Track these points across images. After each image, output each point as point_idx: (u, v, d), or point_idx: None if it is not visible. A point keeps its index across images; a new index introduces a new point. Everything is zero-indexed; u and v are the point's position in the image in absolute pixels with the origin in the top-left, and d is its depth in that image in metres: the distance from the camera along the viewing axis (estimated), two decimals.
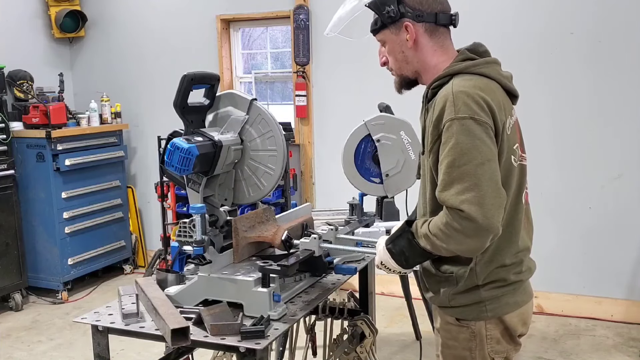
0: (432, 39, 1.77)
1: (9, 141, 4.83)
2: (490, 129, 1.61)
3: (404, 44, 1.78)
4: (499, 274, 1.75)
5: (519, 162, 1.76)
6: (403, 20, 1.75)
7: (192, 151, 2.06)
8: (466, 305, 1.76)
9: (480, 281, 1.74)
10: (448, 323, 1.82)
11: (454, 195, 1.58)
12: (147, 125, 5.70)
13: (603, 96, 4.21)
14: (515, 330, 1.82)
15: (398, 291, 4.34)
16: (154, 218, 5.75)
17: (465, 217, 1.56)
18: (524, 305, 1.83)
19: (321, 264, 2.25)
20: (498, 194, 1.59)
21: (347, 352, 2.74)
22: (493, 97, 1.66)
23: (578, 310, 4.41)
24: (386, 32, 1.79)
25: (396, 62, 1.82)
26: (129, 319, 2.00)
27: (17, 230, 4.97)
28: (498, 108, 1.65)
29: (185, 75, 2.19)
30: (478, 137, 1.59)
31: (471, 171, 1.57)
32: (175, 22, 5.46)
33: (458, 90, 1.63)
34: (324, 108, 4.99)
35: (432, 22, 1.75)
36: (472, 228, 1.56)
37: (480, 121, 1.59)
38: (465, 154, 1.58)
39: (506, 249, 1.75)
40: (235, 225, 2.14)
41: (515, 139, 1.74)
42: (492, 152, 1.60)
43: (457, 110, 1.60)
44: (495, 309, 1.76)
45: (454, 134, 1.59)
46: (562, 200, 4.38)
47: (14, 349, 4.19)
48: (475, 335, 1.77)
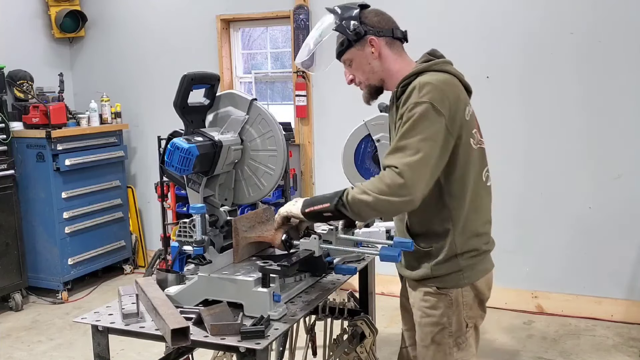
0: (392, 50, 2.07)
1: (9, 141, 4.83)
2: (445, 118, 1.86)
3: (369, 57, 2.06)
4: (473, 243, 2.01)
5: (478, 146, 2.01)
6: (367, 37, 2.04)
7: (192, 151, 2.06)
8: (446, 274, 2.00)
9: (458, 250, 1.99)
10: (427, 293, 2.04)
11: (396, 158, 1.84)
12: (147, 125, 5.70)
13: (603, 96, 4.20)
14: (484, 294, 2.08)
15: (398, 291, 4.34)
16: (154, 218, 5.75)
17: (397, 174, 1.81)
18: (489, 272, 2.11)
19: (321, 264, 2.25)
20: (429, 169, 1.83)
21: (347, 352, 2.74)
22: (453, 89, 1.93)
23: (578, 310, 4.41)
24: (352, 50, 2.07)
25: (364, 74, 2.09)
26: (129, 319, 2.01)
27: (17, 230, 4.97)
28: (457, 99, 1.92)
29: (185, 75, 2.19)
30: (430, 120, 1.84)
31: (415, 144, 1.83)
32: (175, 22, 5.46)
33: (424, 81, 1.91)
34: (324, 108, 4.99)
35: (390, 36, 2.06)
36: (399, 185, 1.80)
37: (436, 108, 1.85)
38: (415, 129, 1.84)
39: (476, 219, 2.01)
40: (235, 225, 2.14)
41: (473, 125, 2.00)
42: (438, 135, 1.85)
43: (421, 96, 1.87)
44: (470, 276, 2.02)
45: (413, 115, 1.86)
46: (562, 200, 4.38)
47: (14, 349, 4.19)
48: (453, 302, 2.01)
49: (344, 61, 2.11)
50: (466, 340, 2.05)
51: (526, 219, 4.49)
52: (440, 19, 4.54)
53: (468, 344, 2.05)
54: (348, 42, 2.05)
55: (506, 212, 4.51)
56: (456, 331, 2.03)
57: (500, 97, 4.45)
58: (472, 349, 2.08)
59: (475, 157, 1.99)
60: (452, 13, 4.51)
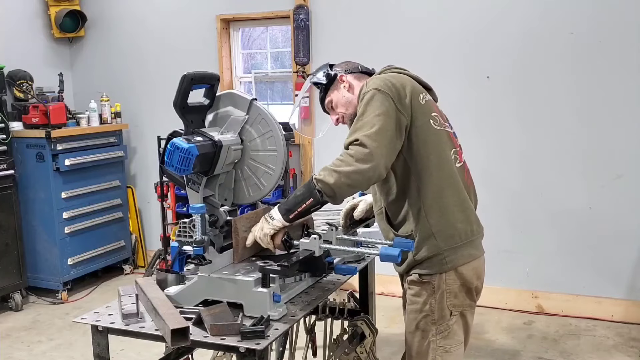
0: (361, 81, 2.28)
1: (8, 141, 4.83)
2: (392, 99, 2.02)
3: (343, 91, 2.32)
4: (449, 221, 2.07)
5: (442, 128, 2.15)
6: (338, 76, 2.33)
7: (192, 151, 2.06)
8: (428, 258, 2.08)
9: (433, 229, 2.06)
10: (412, 282, 2.14)
11: (355, 135, 1.98)
12: (147, 125, 5.70)
13: (603, 96, 4.20)
14: (471, 282, 2.11)
15: (398, 291, 4.33)
16: (154, 218, 5.75)
17: (359, 144, 1.95)
18: (477, 259, 2.14)
19: (321, 264, 2.25)
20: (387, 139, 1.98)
21: (347, 352, 2.74)
22: (399, 79, 2.11)
23: (578, 310, 4.41)
24: (329, 93, 2.35)
25: (343, 107, 2.32)
26: (129, 319, 2.00)
27: (17, 230, 4.97)
28: (403, 84, 2.08)
29: (185, 75, 2.19)
30: (379, 100, 2.02)
31: (369, 120, 1.99)
32: (175, 22, 5.46)
33: (370, 80, 2.14)
34: None
35: (357, 71, 2.35)
36: (362, 153, 1.93)
37: (382, 91, 2.03)
38: (367, 110, 2.02)
39: (448, 196, 2.08)
40: (235, 225, 2.14)
41: (431, 110, 2.14)
42: (389, 111, 2.01)
43: (367, 87, 2.08)
44: (452, 260, 2.07)
45: (362, 102, 2.05)
46: (562, 200, 4.38)
47: (14, 349, 4.19)
48: (435, 290, 2.09)
49: (327, 107, 2.37)
50: (449, 327, 2.10)
51: (526, 219, 4.49)
52: (440, 19, 4.53)
53: (452, 331, 2.11)
54: (324, 87, 2.33)
55: (506, 212, 4.51)
56: (439, 319, 2.10)
57: (500, 97, 4.44)
58: (458, 337, 2.13)
59: (438, 137, 2.11)
60: (451, 13, 4.50)
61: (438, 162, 2.09)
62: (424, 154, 2.07)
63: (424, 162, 2.07)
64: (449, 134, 2.18)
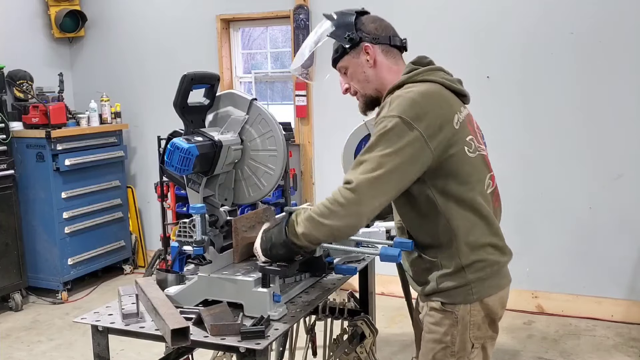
0: (388, 58, 1.97)
1: (8, 141, 4.83)
2: (419, 131, 1.73)
3: (364, 65, 1.96)
4: (480, 254, 1.85)
5: (477, 153, 1.89)
6: (362, 44, 1.95)
7: (192, 151, 2.06)
8: (454, 288, 1.86)
9: (464, 262, 1.84)
10: (433, 309, 1.91)
11: (353, 173, 1.75)
12: (147, 125, 5.70)
13: (603, 96, 4.20)
14: (496, 313, 1.93)
15: (398, 291, 4.34)
16: (154, 218, 5.75)
17: (351, 190, 1.72)
18: (504, 288, 1.95)
19: (321, 264, 2.25)
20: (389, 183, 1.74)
21: (347, 352, 2.74)
22: (432, 99, 1.81)
23: (578, 310, 4.41)
24: (347, 58, 1.98)
25: (359, 83, 1.99)
26: (129, 319, 2.00)
27: (17, 230, 4.97)
28: (438, 109, 1.80)
29: (185, 75, 2.19)
30: (397, 134, 1.73)
31: (376, 157, 1.73)
32: (175, 22, 5.46)
33: (397, 95, 1.82)
34: (324, 108, 4.99)
35: (387, 43, 1.97)
36: (353, 201, 1.71)
37: (406, 121, 1.74)
38: (379, 143, 1.75)
39: (480, 229, 1.86)
40: (235, 225, 2.14)
41: (466, 132, 1.87)
42: (405, 150, 1.73)
43: (390, 110, 1.78)
44: (479, 292, 1.86)
45: (381, 129, 1.76)
46: (562, 200, 4.38)
47: (14, 349, 4.18)
48: (459, 321, 1.87)
49: (339, 69, 2.03)
50: None
51: (526, 219, 4.49)
52: (439, 18, 4.54)
53: None
54: (343, 49, 1.97)
55: (506, 212, 4.48)
56: (459, 351, 1.89)
57: (500, 97, 4.45)
58: None
59: (472, 166, 1.86)
60: (451, 13, 4.51)
61: (470, 195, 1.84)
62: (454, 187, 1.82)
63: (455, 195, 1.83)
64: (483, 157, 1.92)
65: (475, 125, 1.97)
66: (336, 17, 2.02)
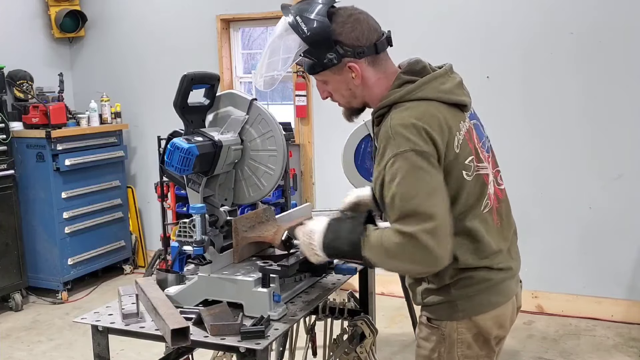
0: (375, 68, 1.76)
1: (8, 141, 4.83)
2: (432, 157, 1.62)
3: (349, 82, 1.76)
4: (466, 273, 1.72)
5: (475, 173, 1.74)
6: (345, 61, 1.73)
7: (192, 151, 2.06)
8: (438, 303, 1.75)
9: (447, 280, 1.73)
10: (421, 323, 1.83)
11: (409, 225, 1.58)
12: (147, 125, 5.70)
13: (603, 96, 4.20)
14: (490, 333, 1.76)
15: (398, 291, 4.34)
16: (154, 218, 5.75)
17: (422, 247, 1.57)
18: (499, 307, 1.76)
19: (321, 264, 2.25)
20: (448, 222, 1.61)
21: (347, 352, 2.74)
22: (432, 121, 1.65)
23: (578, 310, 4.41)
24: (327, 74, 1.77)
25: (344, 98, 1.82)
26: (129, 319, 2.00)
27: (17, 230, 4.97)
28: (440, 131, 1.65)
29: (185, 75, 2.19)
30: (421, 168, 1.60)
31: (423, 203, 1.58)
32: (175, 22, 5.46)
33: (396, 124, 1.64)
34: (324, 108, 4.99)
35: (373, 53, 1.74)
36: (425, 256, 1.58)
37: (420, 151, 1.60)
38: (414, 186, 1.59)
39: (467, 255, 1.71)
40: (235, 225, 2.14)
41: (466, 153, 1.72)
42: (436, 179, 1.62)
43: (398, 145, 1.61)
44: (466, 309, 1.73)
45: (398, 169, 1.61)
46: (562, 200, 4.38)
47: (14, 349, 4.18)
48: (445, 338, 1.75)
49: (316, 80, 1.84)
50: None
51: (526, 219, 4.47)
52: (439, 18, 4.54)
53: None
54: (322, 67, 1.75)
55: None
56: None
57: (500, 97, 4.44)
58: None
59: (469, 188, 1.72)
60: (451, 13, 4.51)
61: (461, 221, 1.71)
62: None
63: None
64: (482, 177, 1.76)
65: (476, 138, 1.80)
66: (307, 32, 1.70)
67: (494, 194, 1.83)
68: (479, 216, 1.74)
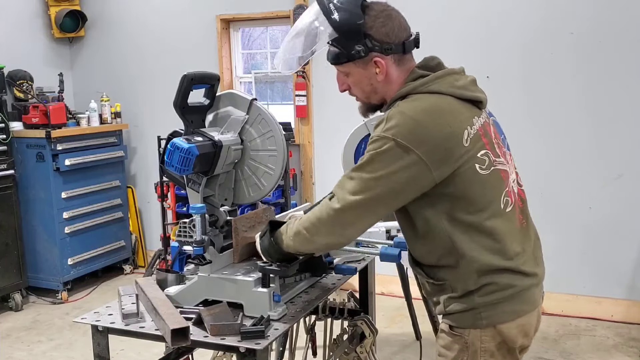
0: (399, 67, 1.75)
1: (8, 141, 4.83)
2: (414, 154, 1.59)
3: (372, 77, 1.75)
4: (490, 277, 1.67)
5: (492, 168, 1.69)
6: (372, 55, 1.72)
7: (192, 151, 2.06)
8: (461, 311, 1.70)
9: (472, 286, 1.67)
10: (443, 331, 1.78)
11: (343, 191, 1.67)
12: (147, 125, 5.70)
13: (603, 96, 4.20)
14: (514, 342, 1.73)
15: (398, 291, 4.34)
16: (154, 218, 5.75)
17: (337, 210, 1.67)
18: (524, 315, 1.72)
19: (321, 264, 2.25)
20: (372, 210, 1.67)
21: (347, 352, 2.74)
22: (437, 116, 1.63)
23: (578, 310, 4.41)
24: (351, 65, 1.75)
25: (364, 93, 1.81)
26: (129, 319, 2.00)
27: (17, 230, 4.97)
28: (445, 126, 1.62)
29: (185, 75, 2.19)
30: (390, 157, 1.60)
31: (365, 180, 1.63)
32: (175, 22, 5.46)
33: (397, 110, 1.64)
34: (324, 108, 4.99)
35: (400, 52, 1.74)
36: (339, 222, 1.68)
37: (401, 144, 1.59)
38: (371, 164, 1.62)
39: (490, 252, 1.67)
40: (235, 225, 2.14)
41: (478, 147, 1.68)
42: (397, 175, 1.60)
43: (386, 129, 1.61)
44: (491, 317, 1.68)
45: (374, 149, 1.63)
46: (562, 200, 4.38)
47: (14, 349, 4.18)
48: (468, 347, 1.71)
49: (338, 71, 1.82)
50: None
51: None
52: (440, 19, 4.53)
53: None
54: (347, 59, 1.74)
55: None
56: None
57: (500, 97, 4.42)
58: None
59: (484, 185, 1.67)
60: (451, 12, 4.51)
61: (478, 218, 1.66)
62: (460, 210, 1.65)
63: (460, 218, 1.66)
64: (500, 172, 1.71)
65: (493, 134, 1.78)
66: (339, 20, 1.70)
67: (517, 194, 1.81)
68: (501, 215, 1.70)
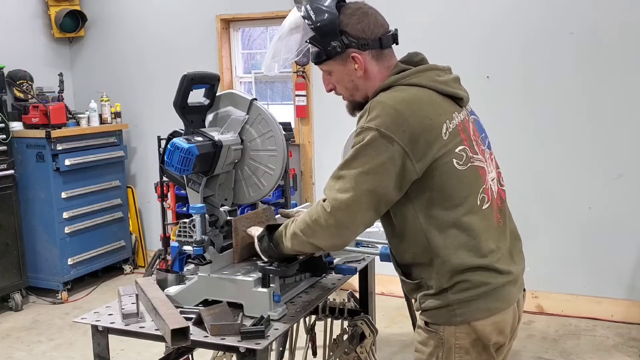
0: (379, 63, 1.79)
1: (8, 141, 4.83)
2: (397, 144, 1.62)
3: (352, 74, 1.80)
4: (463, 275, 1.68)
5: (469, 164, 1.71)
6: (349, 51, 1.77)
7: (192, 151, 2.06)
8: (436, 307, 1.72)
9: (445, 284, 1.69)
10: (419, 327, 1.80)
11: (333, 191, 1.68)
12: (147, 125, 5.70)
13: (603, 96, 4.20)
14: (489, 339, 1.73)
15: (398, 291, 4.34)
16: (154, 218, 5.75)
17: (330, 212, 1.67)
18: (499, 313, 1.72)
19: (321, 264, 2.25)
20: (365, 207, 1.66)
21: (347, 352, 2.74)
22: (417, 107, 1.67)
23: (578, 310, 4.41)
24: (332, 63, 1.81)
25: (347, 90, 1.85)
26: (129, 319, 2.00)
27: (17, 230, 4.97)
28: (424, 118, 1.65)
29: (185, 75, 2.19)
30: (375, 148, 1.62)
31: (353, 177, 1.64)
32: (175, 22, 5.46)
33: (378, 100, 1.68)
34: (324, 108, 4.99)
35: (377, 47, 1.78)
36: (332, 223, 1.68)
37: (385, 134, 1.62)
38: (358, 158, 1.65)
39: (464, 250, 1.68)
40: (235, 225, 2.14)
41: (457, 142, 1.70)
42: (384, 166, 1.63)
43: (368, 120, 1.65)
44: (464, 314, 1.69)
45: (358, 141, 1.66)
46: (562, 200, 4.38)
47: (14, 349, 4.18)
48: (444, 343, 1.72)
49: (321, 68, 1.87)
50: None
51: (526, 219, 4.47)
52: (440, 19, 4.54)
53: None
54: (326, 56, 1.79)
55: None
56: None
57: (500, 97, 4.44)
58: None
59: (461, 180, 1.69)
60: (451, 12, 4.51)
61: (454, 214, 1.68)
62: (436, 205, 1.67)
63: (436, 214, 1.68)
64: (477, 169, 1.73)
65: (472, 131, 1.79)
66: (314, 18, 1.77)
67: (497, 193, 1.82)
68: (477, 212, 1.71)
